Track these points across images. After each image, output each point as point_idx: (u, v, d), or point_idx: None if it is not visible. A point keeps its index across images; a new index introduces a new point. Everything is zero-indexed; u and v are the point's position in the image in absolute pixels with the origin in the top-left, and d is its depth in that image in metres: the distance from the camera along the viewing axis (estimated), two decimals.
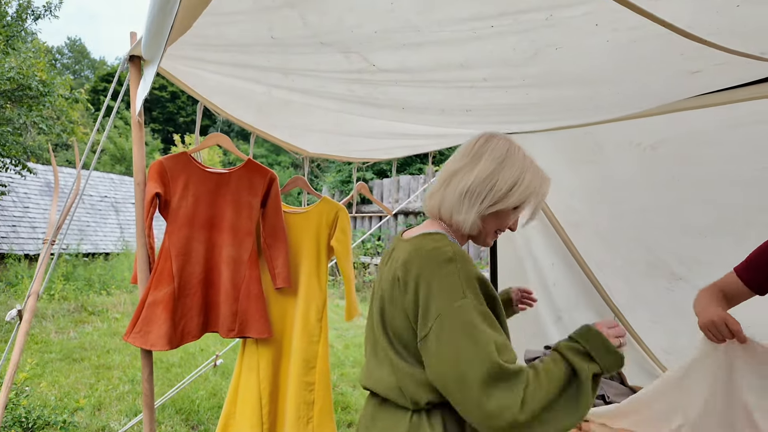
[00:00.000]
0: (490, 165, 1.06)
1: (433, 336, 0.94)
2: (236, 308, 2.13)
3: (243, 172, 2.20)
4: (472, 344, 0.90)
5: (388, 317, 1.05)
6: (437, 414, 1.01)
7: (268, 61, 1.62)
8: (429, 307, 0.95)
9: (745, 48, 1.18)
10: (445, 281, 0.95)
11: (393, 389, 1.04)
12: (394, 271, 1.04)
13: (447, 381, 0.92)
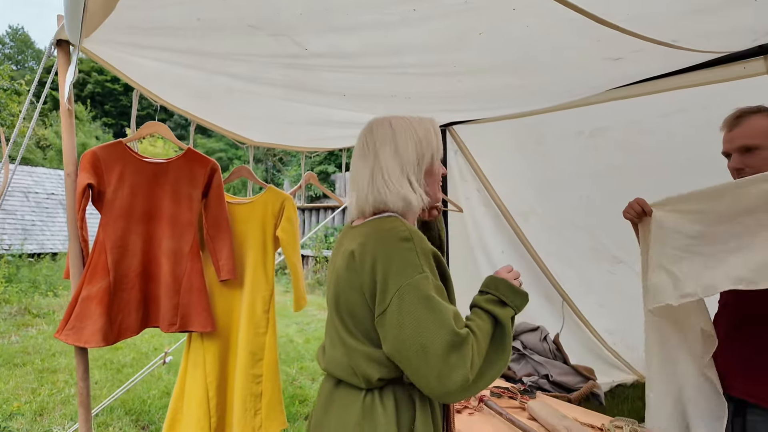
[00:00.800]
0: (388, 147, 1.09)
1: (394, 309, 0.96)
2: (177, 302, 2.07)
3: (182, 162, 2.13)
4: (433, 315, 0.94)
5: (342, 300, 1.07)
6: (389, 392, 1.04)
7: (203, 46, 1.57)
8: (387, 282, 0.97)
9: (658, 35, 1.23)
10: (404, 257, 0.98)
11: (346, 369, 1.07)
12: (350, 254, 1.05)
13: (409, 352, 0.94)
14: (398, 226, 1.03)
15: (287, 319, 6.71)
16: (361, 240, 1.04)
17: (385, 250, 1.00)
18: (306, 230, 9.41)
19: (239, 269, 2.20)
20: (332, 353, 1.11)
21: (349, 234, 1.14)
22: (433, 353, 0.92)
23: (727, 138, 1.43)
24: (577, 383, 2.33)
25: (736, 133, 1.40)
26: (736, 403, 1.40)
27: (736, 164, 1.40)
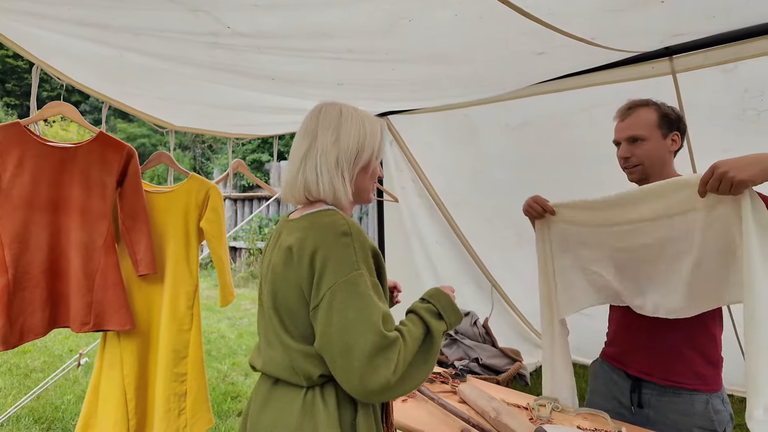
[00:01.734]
0: (331, 133, 1.05)
1: (325, 305, 0.95)
2: (91, 299, 1.90)
3: (94, 146, 1.94)
4: (361, 315, 0.93)
5: (280, 297, 1.04)
6: (330, 388, 1.02)
7: (113, 19, 1.43)
8: (323, 277, 0.96)
9: (578, 32, 1.29)
10: (341, 253, 0.96)
11: (286, 368, 1.04)
12: (287, 249, 1.02)
13: (334, 349, 0.94)
14: (338, 220, 1.00)
15: (218, 314, 6.46)
16: (299, 234, 1.01)
17: (324, 244, 0.97)
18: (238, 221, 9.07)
19: (160, 263, 2.06)
20: (270, 353, 1.07)
21: (286, 227, 1.10)
22: (358, 353, 0.91)
23: (618, 128, 1.54)
24: (504, 365, 2.44)
25: (625, 124, 1.50)
26: (633, 380, 1.54)
27: (624, 153, 1.51)
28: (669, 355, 1.46)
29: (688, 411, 1.42)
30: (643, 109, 1.48)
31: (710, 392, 1.42)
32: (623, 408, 1.56)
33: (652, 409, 1.48)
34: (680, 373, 1.44)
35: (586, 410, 1.61)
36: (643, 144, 1.47)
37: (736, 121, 2.10)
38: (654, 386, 1.49)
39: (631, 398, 1.53)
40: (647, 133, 1.46)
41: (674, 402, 1.44)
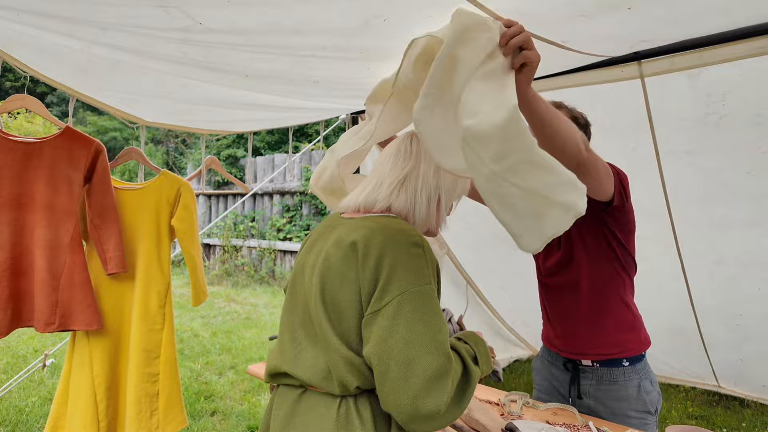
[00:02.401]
0: (430, 164, 1.05)
1: (390, 312, 0.87)
2: (56, 299, 1.85)
3: (60, 141, 1.88)
4: (430, 332, 0.87)
5: (331, 293, 0.95)
6: (365, 400, 0.95)
7: (76, 12, 1.39)
8: (391, 283, 0.89)
9: (550, 36, 1.31)
10: (413, 263, 0.90)
11: (319, 372, 0.96)
12: (351, 244, 0.94)
13: (391, 361, 0.86)
14: (409, 229, 0.95)
15: (192, 313, 6.35)
16: (365, 233, 0.94)
17: (394, 249, 0.91)
18: (212, 218, 8.92)
19: (130, 262, 2.02)
20: (301, 354, 0.99)
21: (343, 223, 1.03)
22: (419, 370, 0.84)
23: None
24: None
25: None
26: (572, 371, 1.62)
27: None
28: (588, 329, 1.56)
29: (623, 397, 1.52)
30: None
31: (635, 356, 1.53)
32: (564, 400, 1.65)
33: (591, 398, 1.57)
34: (602, 345, 1.54)
35: (556, 405, 1.65)
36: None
37: (699, 124, 2.18)
38: (592, 376, 1.57)
39: (569, 390, 1.61)
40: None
41: (610, 390, 1.53)
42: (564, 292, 1.61)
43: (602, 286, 1.55)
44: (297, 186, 8.42)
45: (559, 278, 1.64)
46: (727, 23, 1.57)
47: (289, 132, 3.41)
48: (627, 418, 1.51)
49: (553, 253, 1.65)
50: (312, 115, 2.61)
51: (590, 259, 1.54)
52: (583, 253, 1.55)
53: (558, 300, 1.65)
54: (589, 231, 1.53)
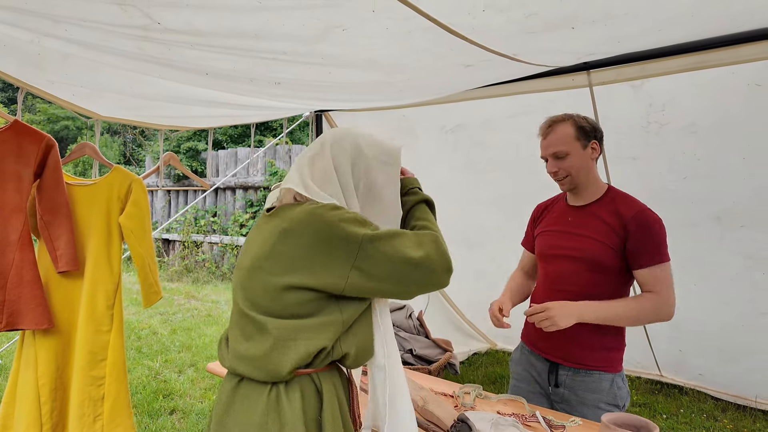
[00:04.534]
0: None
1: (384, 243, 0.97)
2: (3, 297, 1.80)
3: (8, 136, 1.82)
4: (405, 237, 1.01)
5: (265, 275, 1.00)
6: (295, 385, 1.00)
7: (26, 4, 1.35)
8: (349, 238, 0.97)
9: (501, 49, 1.38)
10: (350, 216, 0.98)
11: (253, 362, 1.00)
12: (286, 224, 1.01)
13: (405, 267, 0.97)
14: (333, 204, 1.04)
15: (150, 310, 6.18)
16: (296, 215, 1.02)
17: (327, 216, 1.00)
18: (172, 213, 8.67)
19: (80, 260, 1.97)
20: (240, 346, 1.03)
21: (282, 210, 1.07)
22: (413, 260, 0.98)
23: (542, 145, 1.66)
24: (436, 355, 2.56)
25: (548, 142, 1.63)
26: (551, 364, 1.71)
27: (551, 168, 1.64)
28: (580, 344, 1.64)
29: (597, 389, 1.62)
30: (561, 125, 1.61)
31: (614, 373, 1.64)
32: (541, 389, 1.75)
33: (567, 388, 1.67)
34: (593, 358, 1.64)
35: (506, 396, 1.75)
36: (567, 158, 1.60)
37: (643, 131, 2.33)
38: (569, 369, 1.67)
39: (548, 379, 1.71)
40: (568, 148, 1.59)
41: (585, 381, 1.64)
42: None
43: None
44: (261, 181, 8.29)
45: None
46: (663, 41, 1.69)
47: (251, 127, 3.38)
48: (596, 409, 1.60)
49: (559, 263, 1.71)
50: (274, 113, 2.60)
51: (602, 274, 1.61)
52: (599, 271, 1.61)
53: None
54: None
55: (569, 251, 1.66)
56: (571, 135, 1.59)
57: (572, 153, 1.59)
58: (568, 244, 1.67)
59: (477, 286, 3.82)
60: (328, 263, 0.97)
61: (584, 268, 1.62)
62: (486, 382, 3.67)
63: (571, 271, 1.65)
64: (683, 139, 2.25)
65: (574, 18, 1.21)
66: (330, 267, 0.97)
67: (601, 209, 1.64)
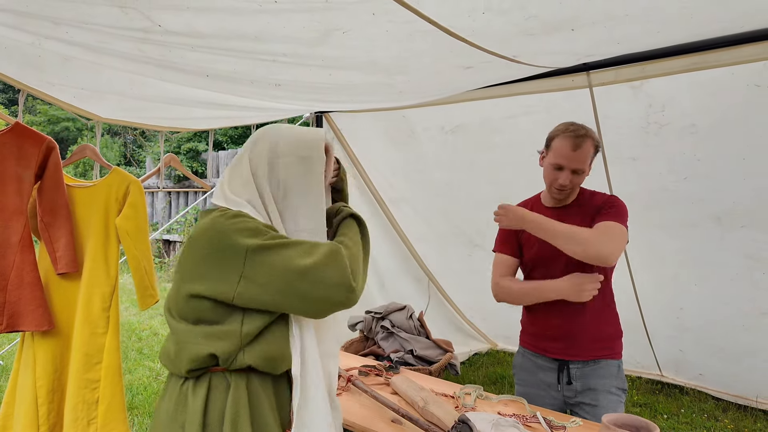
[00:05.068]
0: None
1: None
2: (4, 299, 1.80)
3: (9, 138, 1.82)
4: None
5: (177, 282, 1.07)
6: (204, 379, 1.05)
7: (27, 6, 1.35)
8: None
9: (501, 51, 1.38)
10: (246, 225, 1.01)
11: (169, 357, 1.07)
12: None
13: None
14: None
15: (151, 311, 6.18)
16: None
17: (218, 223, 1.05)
18: (173, 214, 8.67)
19: (79, 261, 1.97)
20: (166, 344, 1.10)
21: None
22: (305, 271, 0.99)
23: (569, 156, 1.60)
24: (437, 356, 2.57)
25: (577, 155, 1.59)
26: (560, 362, 1.73)
27: (565, 181, 1.61)
28: (586, 336, 1.69)
29: (607, 375, 1.69)
30: (588, 142, 1.61)
31: (618, 359, 1.73)
32: (551, 389, 1.75)
33: (578, 381, 1.70)
34: (597, 348, 1.70)
35: (507, 397, 1.75)
36: (582, 175, 1.64)
37: (642, 132, 2.33)
38: (578, 362, 1.70)
39: (559, 378, 1.73)
40: (587, 167, 1.64)
41: (595, 370, 1.69)
42: (568, 303, 1.64)
43: (604, 294, 1.66)
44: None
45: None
46: (663, 41, 1.70)
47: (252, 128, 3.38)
48: (608, 394, 1.66)
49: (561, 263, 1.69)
50: (275, 114, 2.61)
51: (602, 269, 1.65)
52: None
53: (559, 310, 1.68)
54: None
55: (555, 251, 1.64)
56: (590, 154, 1.63)
57: (586, 171, 1.64)
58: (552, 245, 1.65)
59: (477, 286, 3.82)
60: (219, 273, 0.99)
61: (573, 261, 1.61)
62: (487, 382, 3.67)
63: (567, 261, 1.65)
64: (683, 140, 2.25)
65: (573, 20, 1.21)
66: (220, 277, 0.99)
67: (580, 208, 1.71)
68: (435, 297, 3.96)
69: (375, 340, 2.80)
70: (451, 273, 3.86)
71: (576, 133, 1.60)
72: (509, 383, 3.63)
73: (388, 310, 2.88)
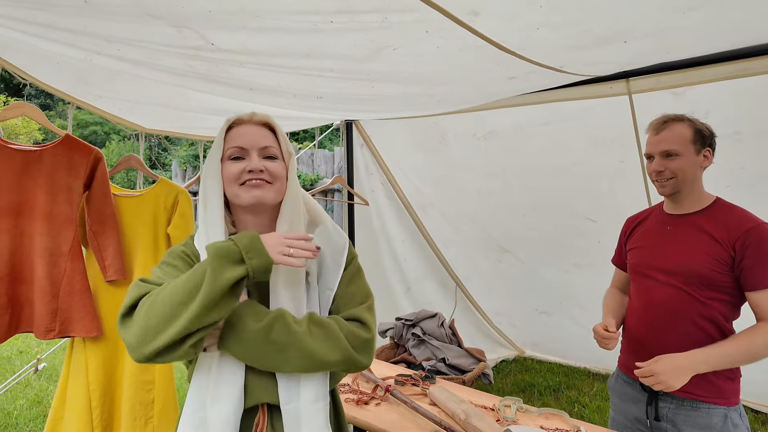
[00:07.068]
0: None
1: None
2: (56, 306, 1.86)
3: (60, 149, 1.89)
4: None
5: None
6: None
7: (84, 26, 1.40)
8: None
9: (548, 62, 1.38)
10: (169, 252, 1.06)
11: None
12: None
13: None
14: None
15: None
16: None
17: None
18: None
19: (128, 269, 2.03)
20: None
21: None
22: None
23: (653, 141, 1.49)
24: (469, 365, 2.55)
25: (660, 138, 1.46)
26: (649, 393, 1.51)
27: (658, 167, 1.47)
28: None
29: (706, 425, 1.40)
30: (678, 124, 1.47)
31: (728, 406, 1.41)
32: (640, 424, 1.55)
33: (669, 422, 1.46)
34: (700, 387, 1.40)
35: (548, 410, 1.73)
36: (677, 159, 1.44)
37: None
38: (671, 399, 1.46)
39: (647, 411, 1.51)
40: (682, 149, 1.44)
41: (691, 416, 1.42)
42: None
43: (717, 330, 1.42)
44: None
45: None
46: (711, 49, 1.66)
47: None
48: None
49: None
50: (307, 123, 2.64)
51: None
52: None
53: (660, 336, 1.48)
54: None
55: (668, 265, 1.48)
56: (687, 137, 1.44)
57: (684, 155, 1.44)
58: (666, 256, 1.49)
59: (507, 291, 3.80)
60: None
61: (682, 282, 1.44)
62: (515, 390, 3.64)
63: (670, 295, 1.47)
64: (727, 148, 2.19)
65: (626, 33, 1.20)
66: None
67: (707, 220, 1.46)
68: (461, 302, 3.95)
69: (406, 347, 2.80)
70: (479, 278, 3.84)
71: (658, 120, 1.51)
72: (539, 392, 3.59)
73: (419, 317, 2.87)
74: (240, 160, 0.98)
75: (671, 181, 1.47)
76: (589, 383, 3.73)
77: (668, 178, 1.47)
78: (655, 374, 1.34)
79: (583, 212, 2.85)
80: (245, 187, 0.97)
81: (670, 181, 1.47)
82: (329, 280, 1.03)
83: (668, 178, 1.47)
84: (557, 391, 3.60)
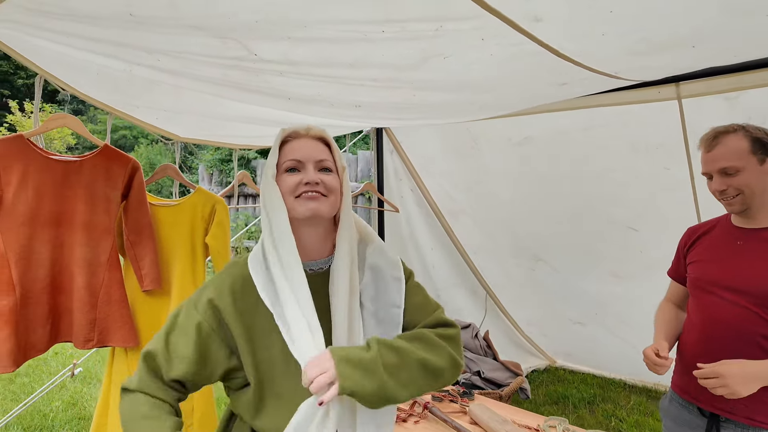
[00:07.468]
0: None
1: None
2: (94, 316, 1.87)
3: (98, 160, 1.89)
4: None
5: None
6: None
7: (126, 38, 1.39)
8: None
9: (604, 68, 1.31)
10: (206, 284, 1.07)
11: None
12: None
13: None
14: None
15: None
16: None
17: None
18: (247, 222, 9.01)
19: (166, 278, 2.03)
20: None
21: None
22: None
23: (707, 159, 1.39)
24: (506, 379, 2.48)
25: (714, 156, 1.36)
26: (710, 417, 1.40)
27: (719, 186, 1.36)
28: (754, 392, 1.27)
29: None
30: (731, 136, 1.35)
31: None
32: None
33: None
34: (762, 410, 1.30)
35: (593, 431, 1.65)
36: (739, 174, 1.33)
37: None
38: (734, 426, 1.35)
39: None
40: (741, 163, 1.32)
41: None
42: (740, 347, 1.35)
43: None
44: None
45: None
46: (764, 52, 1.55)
47: None
48: None
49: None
50: (339, 130, 2.61)
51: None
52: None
53: (727, 354, 1.35)
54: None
55: (736, 282, 1.37)
56: (744, 148, 1.32)
57: (746, 169, 1.32)
58: (735, 273, 1.38)
59: (538, 300, 3.70)
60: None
61: (751, 302, 1.32)
62: (548, 402, 3.53)
63: (735, 313, 1.36)
64: None
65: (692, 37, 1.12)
66: None
67: None
68: (491, 311, 3.86)
69: None
70: (510, 287, 3.75)
71: (708, 135, 1.40)
72: (573, 404, 3.48)
73: None
74: (296, 173, 0.98)
75: (738, 198, 1.35)
76: (626, 396, 3.60)
77: (734, 195, 1.35)
78: (721, 376, 1.24)
79: (624, 221, 2.74)
80: (301, 199, 0.96)
81: (737, 198, 1.35)
82: (393, 297, 1.02)
83: (734, 196, 1.35)
84: (592, 404, 3.49)
